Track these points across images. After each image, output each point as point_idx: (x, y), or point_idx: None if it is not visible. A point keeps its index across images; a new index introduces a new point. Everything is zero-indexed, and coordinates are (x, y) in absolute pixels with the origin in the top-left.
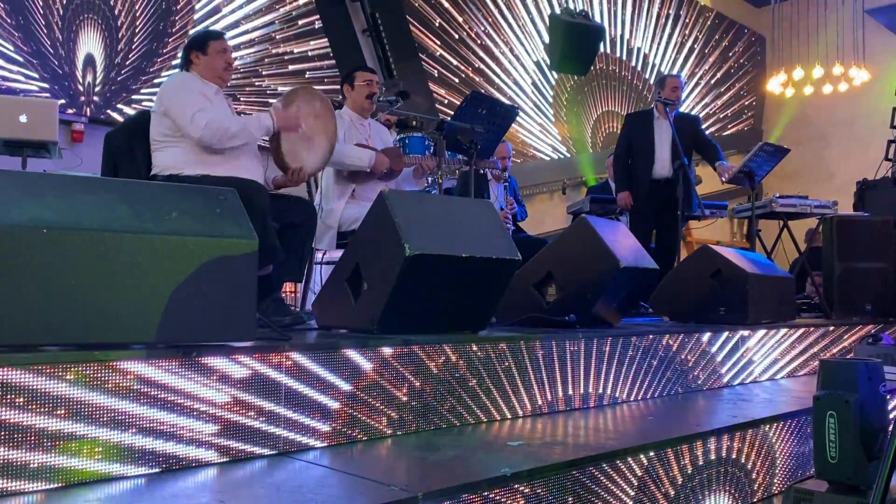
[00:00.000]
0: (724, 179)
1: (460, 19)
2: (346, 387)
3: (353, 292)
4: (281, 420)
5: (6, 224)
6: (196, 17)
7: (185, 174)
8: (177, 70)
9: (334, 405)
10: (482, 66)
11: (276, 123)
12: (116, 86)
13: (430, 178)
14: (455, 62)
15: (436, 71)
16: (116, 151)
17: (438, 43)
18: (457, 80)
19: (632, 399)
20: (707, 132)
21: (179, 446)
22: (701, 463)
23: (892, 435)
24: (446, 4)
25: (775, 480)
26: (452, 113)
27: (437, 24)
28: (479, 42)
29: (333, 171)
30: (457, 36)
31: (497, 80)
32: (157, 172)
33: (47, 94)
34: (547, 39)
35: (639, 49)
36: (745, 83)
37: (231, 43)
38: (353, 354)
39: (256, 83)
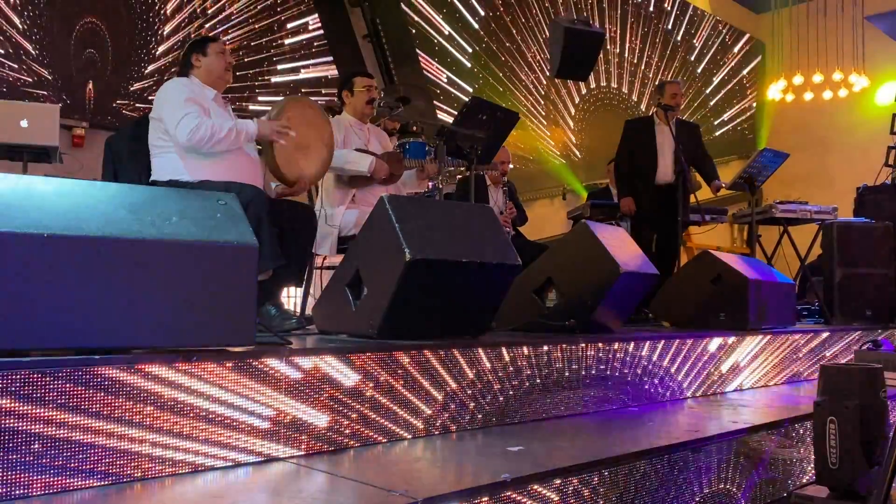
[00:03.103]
0: (715, 192)
1: (457, 23)
2: (344, 392)
3: (353, 297)
4: (281, 426)
5: (7, 228)
6: (199, 22)
7: (185, 179)
8: (175, 77)
9: (333, 411)
10: (480, 68)
11: (260, 131)
12: (118, 91)
13: (431, 183)
14: (453, 66)
15: (432, 76)
16: (117, 156)
17: (436, 48)
18: (455, 86)
19: (633, 403)
20: (706, 138)
21: (177, 451)
22: (701, 469)
23: (892, 441)
24: (445, 8)
25: (776, 486)
26: (453, 118)
27: (432, 25)
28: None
29: (333, 177)
30: (454, 37)
31: (495, 82)
32: (157, 178)
33: (49, 99)
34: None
35: (638, 54)
36: (745, 89)
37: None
38: (353, 360)
39: (258, 91)
